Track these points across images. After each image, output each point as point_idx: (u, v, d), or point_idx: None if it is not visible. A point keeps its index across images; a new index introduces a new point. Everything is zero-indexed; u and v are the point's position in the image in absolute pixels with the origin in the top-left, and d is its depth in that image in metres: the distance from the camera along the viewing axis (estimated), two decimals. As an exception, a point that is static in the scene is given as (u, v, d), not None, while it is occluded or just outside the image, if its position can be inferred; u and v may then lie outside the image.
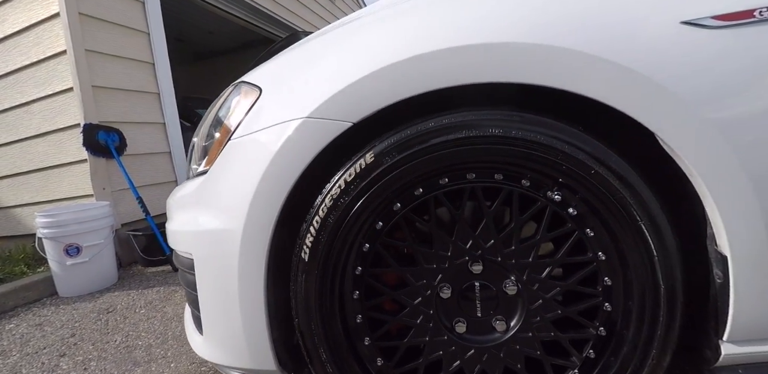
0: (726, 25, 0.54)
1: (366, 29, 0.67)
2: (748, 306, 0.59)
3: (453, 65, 0.57)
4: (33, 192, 2.04)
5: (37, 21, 1.93)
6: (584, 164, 0.58)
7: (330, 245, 0.64)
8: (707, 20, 0.54)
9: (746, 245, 0.57)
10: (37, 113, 1.99)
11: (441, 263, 0.65)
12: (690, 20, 0.54)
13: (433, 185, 0.65)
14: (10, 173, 2.10)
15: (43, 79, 1.95)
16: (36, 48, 1.94)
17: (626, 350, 0.63)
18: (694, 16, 0.54)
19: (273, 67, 0.77)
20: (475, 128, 0.59)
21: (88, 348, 1.22)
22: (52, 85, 1.94)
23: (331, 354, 0.67)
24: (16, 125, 2.04)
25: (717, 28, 0.54)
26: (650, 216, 0.58)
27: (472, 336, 0.67)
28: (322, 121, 0.63)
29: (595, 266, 0.63)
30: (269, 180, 0.65)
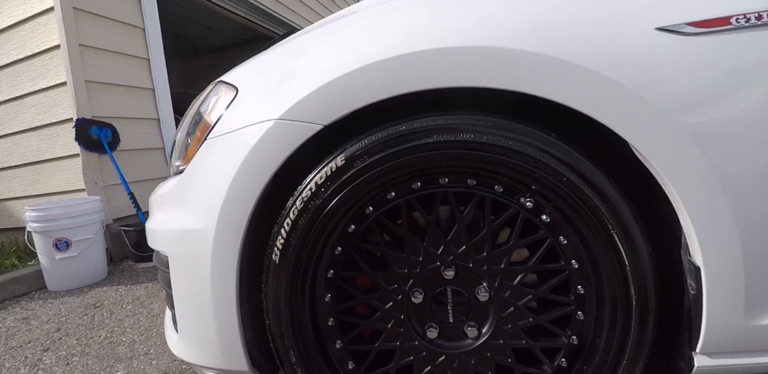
0: (702, 31, 0.53)
1: (337, 32, 0.66)
2: (720, 318, 0.58)
3: (423, 69, 0.56)
4: (25, 185, 2.05)
5: (31, 15, 1.93)
6: (556, 171, 0.57)
7: (300, 247, 0.64)
8: (683, 27, 0.53)
9: (719, 256, 0.56)
10: (30, 107, 1.99)
11: (412, 268, 0.65)
12: (665, 27, 0.53)
13: (406, 189, 0.64)
14: (3, 166, 2.11)
15: (36, 73, 1.95)
16: (30, 42, 1.94)
17: (598, 359, 0.62)
18: (670, 23, 0.53)
19: (250, 66, 0.76)
20: (446, 132, 0.58)
21: (72, 342, 1.22)
22: (45, 80, 1.94)
23: (300, 356, 0.67)
24: (9, 119, 2.04)
25: (693, 34, 0.53)
26: (623, 225, 0.57)
27: (444, 342, 0.67)
28: (293, 123, 0.62)
29: (568, 274, 0.62)
30: (241, 181, 0.65)
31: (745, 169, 0.54)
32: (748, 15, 0.52)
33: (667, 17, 0.53)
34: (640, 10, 0.54)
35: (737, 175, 0.54)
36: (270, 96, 0.66)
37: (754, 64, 0.53)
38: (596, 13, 0.55)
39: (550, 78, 0.54)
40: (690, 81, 0.53)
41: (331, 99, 0.60)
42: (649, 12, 0.54)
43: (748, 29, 0.53)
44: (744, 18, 0.52)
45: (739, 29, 0.52)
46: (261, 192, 0.65)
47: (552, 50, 0.54)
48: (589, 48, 0.54)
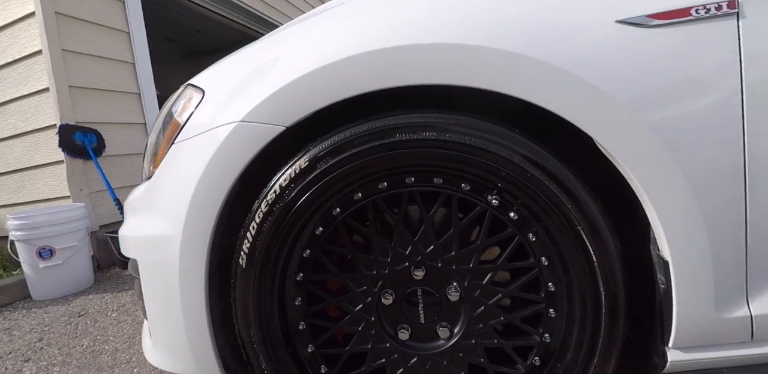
0: (662, 23, 0.52)
1: (297, 33, 0.66)
2: (691, 311, 0.58)
3: (382, 68, 0.56)
4: (9, 193, 2.03)
5: (12, 20, 1.92)
6: (520, 168, 0.56)
7: (266, 251, 0.63)
8: (643, 19, 0.52)
9: (687, 250, 0.56)
10: (13, 113, 1.98)
11: (381, 269, 0.64)
12: (625, 19, 0.53)
13: (373, 189, 0.63)
14: (-14, 174, 2.10)
15: (19, 79, 1.94)
16: (11, 48, 1.92)
17: (570, 357, 0.61)
18: (630, 15, 0.53)
19: (218, 68, 0.76)
20: (408, 131, 0.58)
21: (53, 352, 1.21)
22: (28, 86, 1.93)
23: (270, 361, 0.66)
24: (-9, 126, 2.03)
25: (653, 26, 0.52)
26: (589, 220, 0.57)
27: (416, 343, 0.66)
28: (256, 125, 0.62)
29: (538, 271, 0.61)
30: (205, 186, 0.64)
31: (710, 163, 0.54)
32: (708, 5, 0.52)
33: (627, 9, 0.53)
34: (600, 3, 0.54)
35: (702, 169, 0.53)
36: (233, 98, 0.66)
37: (716, 55, 0.52)
38: (555, 6, 0.54)
39: (508, 74, 0.54)
40: (652, 74, 0.53)
41: (292, 100, 0.60)
42: (609, 4, 0.54)
43: (708, 20, 0.52)
44: (704, 9, 0.52)
45: (700, 20, 0.52)
46: (226, 196, 0.64)
47: (510, 45, 0.53)
48: (549, 42, 0.53)
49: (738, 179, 0.54)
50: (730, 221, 0.55)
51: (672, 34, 0.52)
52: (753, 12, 0.52)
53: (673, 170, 0.53)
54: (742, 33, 0.52)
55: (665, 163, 0.53)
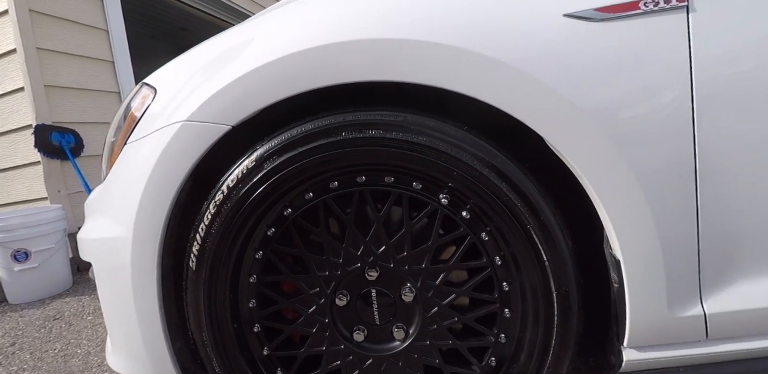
0: (610, 17, 0.51)
1: (240, 31, 0.64)
2: (644, 310, 0.57)
3: (324, 64, 0.55)
4: (-13, 195, 2.01)
5: (-15, 19, 1.88)
6: (469, 166, 0.55)
7: (216, 252, 0.62)
8: (591, 13, 0.51)
9: (638, 249, 0.55)
10: (-13, 114, 1.95)
11: (334, 270, 0.63)
12: (573, 13, 0.52)
13: (324, 188, 0.62)
14: (-35, 176, 2.07)
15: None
16: (-15, 47, 1.89)
17: (524, 357, 0.61)
18: (578, 9, 0.52)
19: (171, 66, 0.74)
20: (355, 129, 0.56)
21: (25, 357, 1.20)
22: (3, 85, 1.90)
23: (223, 365, 0.65)
24: (-33, 127, 2.00)
25: (601, 20, 0.51)
26: (539, 219, 0.56)
27: (371, 345, 0.65)
28: (201, 124, 0.60)
29: (491, 271, 0.61)
30: (154, 188, 0.63)
31: (660, 161, 0.53)
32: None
33: (575, 3, 0.52)
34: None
35: (653, 168, 0.52)
36: (181, 97, 0.64)
37: (666, 50, 0.51)
38: (501, 7, 0.53)
39: (455, 70, 0.52)
40: (600, 70, 0.52)
41: (235, 99, 0.58)
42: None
43: (657, 14, 0.51)
44: (653, 2, 0.51)
45: (649, 14, 0.51)
46: (174, 198, 0.63)
47: (457, 41, 0.52)
48: (495, 37, 0.52)
49: (689, 177, 0.53)
50: (681, 220, 0.54)
51: (620, 29, 0.51)
52: (703, 6, 0.51)
53: (622, 168, 0.52)
54: (692, 27, 0.51)
55: (614, 161, 0.52)
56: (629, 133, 0.52)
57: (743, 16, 0.50)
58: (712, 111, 0.52)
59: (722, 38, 0.51)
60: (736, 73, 0.51)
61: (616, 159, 0.52)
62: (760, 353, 0.59)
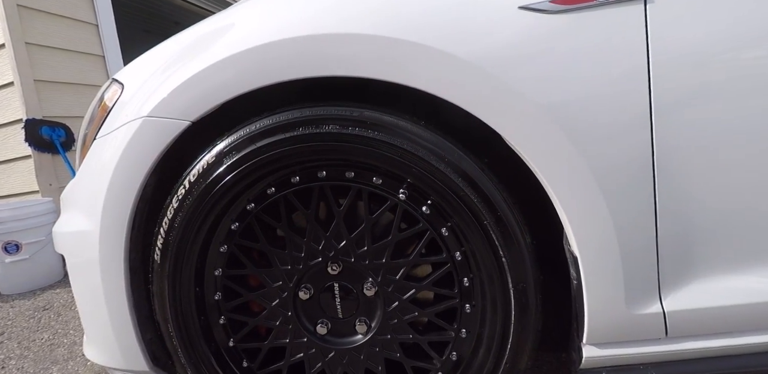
0: (565, 9, 0.50)
1: (204, 26, 0.64)
2: (601, 307, 0.57)
3: (274, 60, 0.54)
4: (-20, 189, 2.03)
5: (-26, 13, 1.88)
6: (425, 161, 0.55)
7: (179, 246, 0.63)
8: (546, 4, 0.51)
9: (594, 246, 0.55)
10: (-21, 108, 1.96)
11: (296, 264, 0.64)
12: (528, 5, 0.51)
13: (286, 183, 0.62)
14: (-43, 169, 2.09)
15: (-17, 74, 1.92)
16: (-26, 41, 1.90)
17: (482, 352, 0.61)
18: (533, 1, 0.51)
19: (138, 61, 0.74)
20: (311, 124, 0.56)
21: (12, 346, 1.22)
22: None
23: (188, 356, 0.66)
24: (-42, 121, 2.02)
25: (556, 12, 0.51)
26: (496, 215, 0.56)
27: (333, 338, 0.66)
28: (161, 120, 0.61)
29: (451, 267, 0.61)
30: (118, 182, 0.64)
31: (617, 157, 0.52)
32: (612, -9, 0.50)
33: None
34: (501, -9, 0.52)
35: (609, 164, 0.52)
36: (144, 93, 0.64)
37: (622, 43, 0.50)
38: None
39: (410, 65, 0.52)
40: (556, 63, 0.51)
41: (193, 95, 0.59)
42: (510, -9, 0.52)
43: (614, 5, 0.50)
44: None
45: (605, 5, 0.50)
46: (138, 193, 0.64)
47: (411, 35, 0.51)
48: (449, 31, 0.52)
49: (647, 175, 0.53)
50: (639, 219, 0.54)
51: (576, 21, 0.50)
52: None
53: (579, 166, 0.52)
54: (650, 19, 0.50)
55: (570, 158, 0.52)
56: (585, 130, 0.51)
57: (702, 7, 0.49)
58: (670, 107, 0.51)
59: (680, 31, 0.50)
60: (694, 68, 0.50)
61: (572, 157, 0.52)
62: (721, 351, 0.59)
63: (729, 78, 0.50)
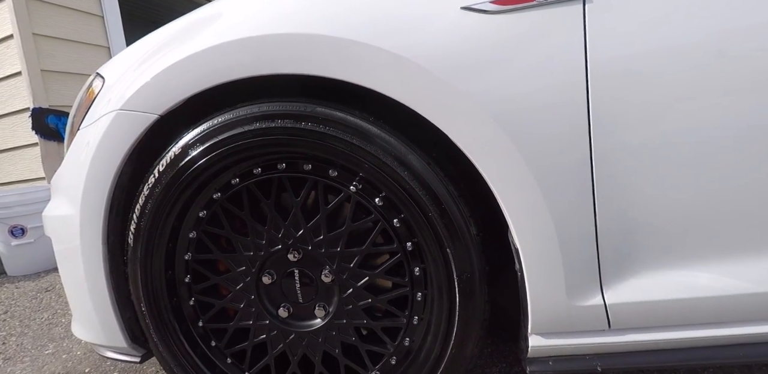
0: (506, 9, 0.52)
1: (177, 23, 0.68)
2: (543, 298, 0.60)
3: (228, 60, 0.58)
4: (-9, 175, 2.15)
5: (-16, 5, 1.97)
6: (373, 156, 0.58)
7: (149, 231, 0.68)
8: (487, 5, 0.53)
9: (534, 239, 0.57)
10: (-11, 97, 2.06)
11: (258, 250, 0.68)
12: (470, 5, 0.53)
13: (249, 174, 0.66)
14: (-30, 155, 2.21)
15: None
16: (-16, 32, 1.99)
17: (430, 339, 0.65)
18: (474, 1, 0.53)
19: (118, 56, 0.79)
20: (268, 119, 0.60)
21: (14, 324, 1.32)
22: (2, 70, 2.00)
23: (159, 335, 0.72)
24: (-28, 109, 2.12)
25: (497, 12, 0.53)
26: (440, 208, 0.59)
27: (294, 321, 0.71)
28: (132, 113, 0.65)
29: (402, 256, 0.64)
30: (95, 171, 0.69)
31: (555, 152, 0.54)
32: (552, -9, 0.51)
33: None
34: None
35: (547, 159, 0.54)
36: (121, 86, 0.69)
37: (561, 43, 0.52)
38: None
39: (356, 64, 0.55)
40: (496, 63, 0.53)
41: (162, 89, 0.63)
42: (453, -9, 0.54)
43: (553, 5, 0.52)
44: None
45: (544, 5, 0.52)
46: (114, 181, 0.69)
47: (356, 34, 0.54)
48: (393, 31, 0.54)
49: (585, 171, 0.54)
50: (578, 214, 0.55)
51: (516, 21, 0.52)
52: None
53: (515, 159, 0.54)
54: (588, 19, 0.52)
55: (507, 152, 0.54)
56: (523, 127, 0.53)
57: (641, 7, 0.51)
58: (607, 106, 0.53)
59: (618, 30, 0.51)
60: (631, 67, 0.52)
61: (510, 152, 0.54)
62: (665, 345, 0.61)
63: (666, 78, 0.51)
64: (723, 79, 0.50)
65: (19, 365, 1.06)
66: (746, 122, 0.51)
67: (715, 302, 0.57)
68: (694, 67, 0.50)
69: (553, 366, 0.64)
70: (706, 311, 0.58)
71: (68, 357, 1.08)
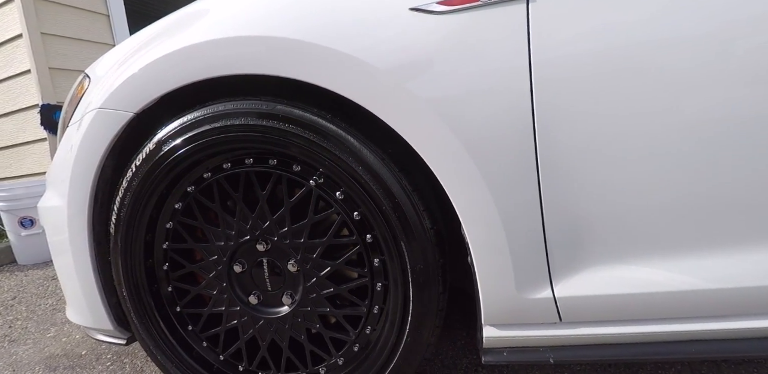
0: (452, 9, 0.55)
1: (147, 29, 0.73)
2: (493, 290, 0.62)
3: (196, 60, 0.62)
4: (3, 167, 2.27)
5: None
6: (329, 152, 0.62)
7: (128, 221, 0.73)
8: (433, 5, 0.55)
9: (482, 232, 0.59)
10: (1, 94, 2.17)
11: (228, 240, 0.73)
12: (418, 6, 0.56)
13: (219, 169, 0.71)
14: (-17, 150, 2.34)
15: (4, 62, 2.12)
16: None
17: (388, 325, 0.69)
18: (422, 2, 0.56)
19: (104, 56, 0.84)
20: (233, 117, 0.64)
21: (21, 309, 1.41)
22: (12, 67, 2.10)
23: (139, 318, 0.78)
24: (-15, 106, 2.24)
25: (443, 13, 0.55)
26: (394, 201, 0.62)
27: (263, 308, 0.76)
28: (110, 111, 0.70)
29: (362, 248, 0.68)
30: (79, 165, 0.75)
31: (499, 147, 0.56)
32: (496, -10, 0.54)
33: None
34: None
35: (492, 154, 0.56)
36: (103, 86, 0.74)
37: (505, 42, 0.54)
38: (351, 1, 0.58)
39: (309, 64, 0.59)
40: (443, 63, 0.55)
41: (136, 89, 0.68)
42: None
43: (496, 5, 0.54)
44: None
45: (489, 5, 0.54)
46: (96, 174, 0.75)
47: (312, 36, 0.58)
48: (344, 31, 0.57)
49: (530, 168, 0.56)
50: (524, 208, 0.57)
51: (461, 21, 0.55)
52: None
53: (462, 156, 0.57)
54: (532, 18, 0.53)
55: (454, 149, 0.56)
56: (469, 125, 0.55)
57: (583, 7, 0.52)
58: (552, 105, 0.54)
59: (560, 30, 0.53)
60: (574, 66, 0.53)
61: (456, 149, 0.56)
62: (617, 339, 0.62)
63: (610, 76, 0.53)
64: (662, 80, 0.52)
65: (23, 347, 1.14)
66: (686, 119, 0.52)
67: (663, 298, 0.58)
68: (635, 67, 0.52)
69: (508, 356, 0.67)
70: (655, 306, 0.59)
71: (67, 340, 1.17)
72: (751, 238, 0.56)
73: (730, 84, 0.50)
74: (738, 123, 0.51)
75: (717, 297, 0.57)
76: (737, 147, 0.52)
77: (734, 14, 0.49)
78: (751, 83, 0.50)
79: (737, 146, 0.52)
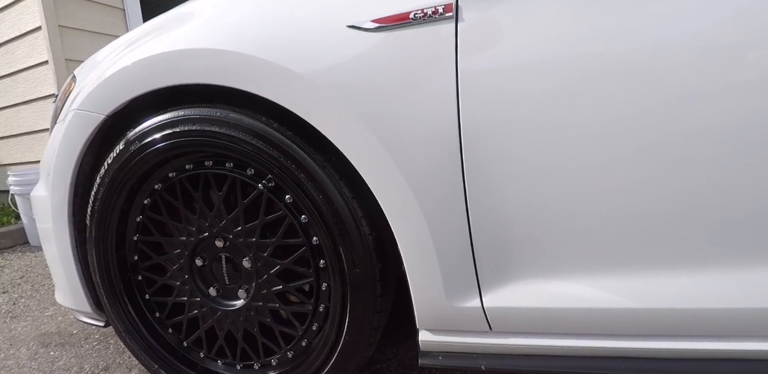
0: (383, 27, 0.58)
1: (129, 33, 0.80)
2: (423, 297, 0.66)
3: (157, 69, 0.69)
4: (23, 152, 2.46)
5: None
6: (275, 159, 0.67)
7: (101, 214, 0.82)
8: (367, 23, 0.59)
9: (411, 240, 0.62)
10: (21, 82, 2.35)
11: (190, 236, 0.80)
12: (354, 24, 0.60)
13: (182, 169, 0.78)
14: (4, 135, 2.53)
15: (26, 52, 2.28)
16: (18, 23, 2.25)
17: (329, 324, 0.74)
18: (358, 20, 0.59)
19: (90, 58, 0.92)
20: (189, 122, 0.70)
21: (26, 288, 1.56)
22: (33, 58, 2.26)
23: (111, 304, 0.87)
24: (6, 93, 2.43)
25: (376, 30, 0.59)
26: (332, 207, 0.67)
27: (221, 300, 0.83)
28: (85, 113, 0.78)
29: (307, 249, 0.73)
30: (59, 161, 0.84)
31: (426, 157, 0.59)
32: (426, 10, 0.56)
33: (357, 15, 0.59)
34: (335, 9, 0.61)
35: (419, 163, 0.58)
36: (83, 87, 0.82)
37: (434, 60, 0.57)
38: (297, 13, 0.62)
39: (251, 77, 0.64)
40: (376, 78, 0.59)
41: (107, 93, 0.75)
42: (343, 10, 0.60)
43: (426, 24, 0.57)
44: (422, 13, 0.57)
45: (419, 24, 0.57)
46: (74, 170, 0.83)
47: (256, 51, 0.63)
48: (285, 47, 0.62)
49: (456, 181, 0.58)
50: (451, 219, 0.60)
51: (392, 38, 0.58)
52: (470, 16, 0.55)
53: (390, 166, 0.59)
54: (460, 37, 0.56)
55: (382, 159, 0.59)
56: (397, 137, 0.58)
57: (510, 27, 0.55)
58: (477, 119, 0.56)
59: (488, 48, 0.55)
60: (501, 81, 0.55)
61: (385, 160, 0.59)
62: (546, 351, 0.64)
63: (537, 90, 0.54)
64: (581, 91, 0.53)
65: (22, 323, 1.27)
66: (620, 130, 0.52)
67: (589, 314, 0.59)
68: (556, 79, 0.53)
69: (443, 361, 0.70)
70: (582, 322, 0.60)
71: (63, 320, 1.29)
72: (679, 259, 0.56)
73: (637, 95, 0.51)
74: (655, 142, 0.52)
75: (640, 316, 0.59)
76: (660, 164, 0.52)
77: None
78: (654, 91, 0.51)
79: (661, 163, 0.52)
